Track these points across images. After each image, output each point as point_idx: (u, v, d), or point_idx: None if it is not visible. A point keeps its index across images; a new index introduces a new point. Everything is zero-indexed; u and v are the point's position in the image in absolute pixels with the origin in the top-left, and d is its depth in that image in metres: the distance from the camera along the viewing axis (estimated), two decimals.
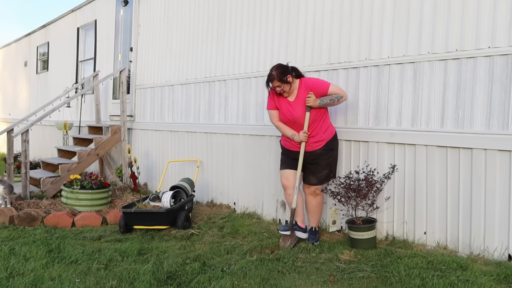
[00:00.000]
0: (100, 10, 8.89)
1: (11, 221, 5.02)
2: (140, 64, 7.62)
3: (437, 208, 3.73)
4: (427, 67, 3.78)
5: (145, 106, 7.44)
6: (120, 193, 6.29)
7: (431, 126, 3.75)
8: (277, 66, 3.97)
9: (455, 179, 3.62)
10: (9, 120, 13.28)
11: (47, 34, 11.56)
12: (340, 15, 4.43)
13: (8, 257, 3.76)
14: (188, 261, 3.63)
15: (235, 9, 5.66)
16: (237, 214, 5.24)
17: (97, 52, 8.93)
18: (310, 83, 3.99)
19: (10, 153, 6.00)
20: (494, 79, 3.40)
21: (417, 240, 3.83)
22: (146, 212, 4.63)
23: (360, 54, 4.26)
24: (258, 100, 5.24)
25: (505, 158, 3.34)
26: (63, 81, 10.15)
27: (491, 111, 3.42)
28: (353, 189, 3.82)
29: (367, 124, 4.20)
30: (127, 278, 3.24)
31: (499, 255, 3.37)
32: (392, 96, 4.01)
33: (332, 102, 3.95)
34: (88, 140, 7.45)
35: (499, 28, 3.37)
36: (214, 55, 5.96)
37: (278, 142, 5.00)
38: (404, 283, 2.98)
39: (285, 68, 3.94)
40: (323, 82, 4.03)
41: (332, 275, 3.19)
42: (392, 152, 4.01)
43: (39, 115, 6.89)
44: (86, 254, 3.85)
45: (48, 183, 6.24)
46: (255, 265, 3.40)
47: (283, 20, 5.02)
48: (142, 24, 7.64)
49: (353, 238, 3.82)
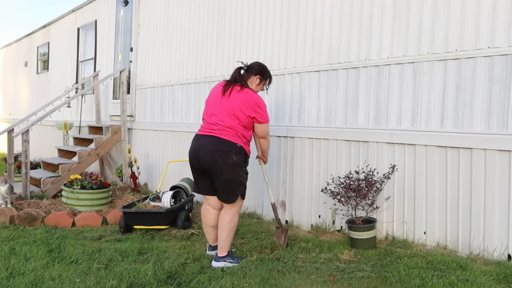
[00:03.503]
0: (100, 10, 8.90)
1: (11, 221, 5.02)
2: (140, 64, 7.63)
3: (437, 208, 3.73)
4: (426, 67, 3.79)
5: (145, 106, 7.44)
6: (120, 193, 6.30)
7: (431, 126, 3.76)
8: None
9: (454, 179, 3.62)
10: (10, 120, 13.30)
11: (47, 34, 11.57)
12: (340, 15, 4.44)
13: (8, 257, 3.76)
14: (188, 261, 3.64)
15: (235, 9, 5.67)
16: None
17: (97, 52, 8.94)
18: (256, 101, 3.49)
19: (11, 153, 6.01)
20: (494, 79, 3.41)
21: (417, 240, 3.83)
22: (146, 212, 4.63)
23: (360, 54, 4.26)
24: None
25: (504, 158, 3.34)
26: (64, 81, 10.16)
27: (490, 111, 3.43)
28: (353, 189, 3.82)
29: (367, 124, 4.21)
30: (127, 278, 3.24)
31: (498, 255, 3.37)
32: (392, 96, 4.02)
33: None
34: (88, 140, 7.45)
35: (498, 28, 3.38)
36: (214, 55, 5.97)
37: (278, 142, 5.02)
38: (404, 283, 2.98)
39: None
40: (266, 113, 3.58)
41: (332, 275, 3.20)
42: (392, 152, 4.01)
43: (39, 115, 6.89)
44: (86, 254, 3.85)
45: (48, 183, 6.24)
46: (255, 265, 3.40)
47: (283, 20, 5.03)
48: (142, 24, 7.65)
49: (353, 238, 3.83)
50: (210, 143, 3.42)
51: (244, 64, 3.67)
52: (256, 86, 3.66)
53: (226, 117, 3.44)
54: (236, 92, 3.49)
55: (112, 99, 8.32)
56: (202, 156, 3.44)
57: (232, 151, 3.40)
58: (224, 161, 3.38)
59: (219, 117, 3.46)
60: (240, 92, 3.49)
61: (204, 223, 3.76)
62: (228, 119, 3.43)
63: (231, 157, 3.39)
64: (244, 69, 3.64)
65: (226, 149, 3.40)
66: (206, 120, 3.56)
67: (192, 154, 3.54)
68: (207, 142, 3.44)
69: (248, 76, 3.63)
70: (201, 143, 3.48)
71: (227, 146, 3.40)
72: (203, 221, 3.77)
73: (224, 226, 3.54)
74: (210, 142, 3.43)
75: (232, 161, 3.40)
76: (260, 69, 3.68)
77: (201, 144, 3.47)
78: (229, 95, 3.48)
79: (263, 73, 3.69)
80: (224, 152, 3.39)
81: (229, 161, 3.39)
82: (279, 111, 5.04)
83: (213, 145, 3.41)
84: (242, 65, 3.66)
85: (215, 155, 3.38)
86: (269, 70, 3.78)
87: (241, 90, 3.50)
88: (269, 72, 3.77)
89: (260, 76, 3.66)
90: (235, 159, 3.41)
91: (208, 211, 3.70)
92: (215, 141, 3.42)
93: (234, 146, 3.42)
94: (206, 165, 3.44)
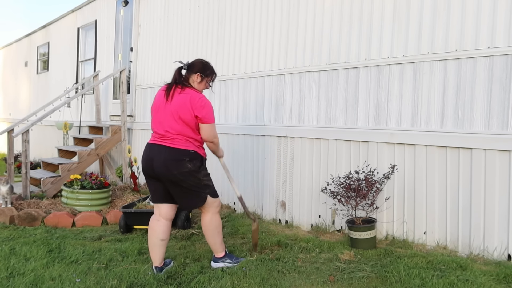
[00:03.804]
0: (100, 10, 8.90)
1: (11, 221, 5.03)
2: (140, 64, 7.63)
3: (437, 208, 3.73)
4: (426, 67, 3.79)
5: (145, 106, 7.44)
6: (120, 193, 6.30)
7: (431, 126, 3.76)
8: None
9: (454, 179, 3.62)
10: (10, 120, 13.30)
11: (47, 34, 11.57)
12: (340, 15, 4.44)
13: (8, 257, 3.76)
14: (188, 261, 3.64)
15: (235, 9, 5.67)
16: (237, 214, 5.24)
17: (97, 52, 8.94)
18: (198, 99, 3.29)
19: (11, 153, 6.01)
20: (494, 79, 3.41)
21: (417, 240, 3.83)
22: (146, 212, 4.63)
23: (360, 54, 4.26)
24: (258, 100, 5.25)
25: (504, 158, 3.34)
26: (64, 81, 10.16)
27: (490, 111, 3.43)
28: (353, 189, 3.82)
29: (367, 124, 4.21)
30: (127, 278, 3.24)
31: (498, 255, 3.37)
32: (391, 96, 4.02)
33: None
34: (88, 140, 7.45)
35: (498, 28, 3.38)
36: (214, 55, 5.97)
37: (278, 142, 5.02)
38: (404, 283, 2.98)
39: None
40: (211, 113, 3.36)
41: (332, 275, 3.20)
42: (392, 152, 4.01)
43: (39, 115, 6.90)
44: (86, 254, 3.85)
45: (48, 183, 6.24)
46: (255, 265, 3.40)
47: (283, 20, 5.03)
48: (142, 24, 7.65)
49: (353, 238, 3.83)
50: (161, 153, 3.26)
51: (184, 63, 3.49)
52: (198, 84, 3.41)
53: (173, 123, 3.26)
54: (178, 94, 3.30)
55: (112, 99, 8.32)
56: (156, 166, 3.28)
57: (186, 159, 3.24)
58: (179, 171, 3.21)
59: (166, 124, 3.28)
60: (181, 94, 3.30)
61: (152, 236, 3.43)
62: (175, 125, 3.25)
63: (185, 165, 3.23)
64: (184, 68, 3.47)
65: (179, 158, 3.23)
66: (155, 131, 3.35)
67: (145, 163, 3.35)
68: (159, 152, 3.27)
69: (189, 75, 3.42)
70: (154, 153, 3.30)
71: (179, 155, 3.24)
72: (151, 234, 3.44)
73: (207, 230, 3.48)
74: (161, 152, 3.26)
75: (187, 169, 3.23)
76: (201, 66, 3.45)
77: (154, 154, 3.29)
78: (172, 98, 3.29)
79: (204, 70, 3.45)
80: (177, 161, 3.22)
81: (184, 170, 3.23)
82: (279, 111, 5.04)
83: (165, 156, 3.24)
84: (181, 64, 3.48)
85: (168, 166, 3.22)
86: (211, 66, 3.54)
87: (182, 91, 3.31)
88: (212, 68, 3.53)
89: (201, 73, 3.41)
90: (190, 166, 3.24)
91: (158, 222, 3.43)
92: (166, 151, 3.25)
93: (186, 153, 3.25)
94: (161, 176, 3.29)
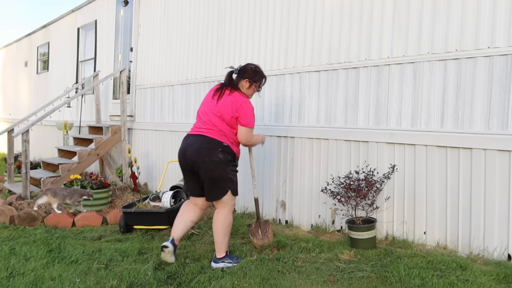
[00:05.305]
0: (100, 10, 8.90)
1: (11, 221, 5.03)
2: (140, 64, 7.63)
3: (437, 208, 3.73)
4: (426, 67, 3.79)
5: (145, 106, 7.44)
6: (120, 193, 6.30)
7: (431, 126, 3.76)
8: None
9: (454, 179, 3.62)
10: (10, 120, 13.30)
11: (47, 34, 11.57)
12: (340, 15, 4.44)
13: (8, 257, 3.77)
14: (188, 261, 3.64)
15: (235, 9, 5.67)
16: (237, 214, 5.24)
17: (97, 52, 8.94)
18: (241, 102, 3.51)
19: (11, 153, 6.01)
20: (494, 79, 3.41)
21: (417, 240, 3.83)
22: (146, 212, 4.63)
23: (360, 54, 4.26)
24: (258, 100, 5.25)
25: (504, 158, 3.34)
26: (64, 81, 10.16)
27: (490, 111, 3.43)
28: (353, 189, 3.82)
29: (367, 124, 4.21)
30: (127, 278, 3.25)
31: (498, 255, 3.37)
32: (391, 96, 4.02)
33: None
34: (88, 140, 7.45)
35: (498, 28, 3.38)
36: (214, 55, 5.97)
37: (278, 142, 5.02)
38: (404, 283, 2.98)
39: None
40: (250, 118, 3.56)
41: (332, 275, 3.20)
42: (392, 152, 4.01)
43: (39, 115, 6.90)
44: (86, 254, 3.85)
45: (48, 183, 6.24)
46: (255, 265, 3.40)
47: (283, 20, 5.03)
48: (142, 24, 7.65)
49: (353, 238, 3.83)
50: (197, 142, 3.47)
51: (235, 68, 3.66)
52: (246, 89, 3.65)
53: (214, 118, 3.49)
54: (226, 96, 3.53)
55: (112, 99, 8.32)
56: (189, 154, 3.47)
57: (218, 149, 3.43)
58: (210, 159, 3.40)
59: (209, 117, 3.52)
60: (229, 96, 3.53)
61: (184, 215, 3.65)
62: (216, 121, 3.48)
63: (217, 154, 3.41)
64: (235, 72, 3.66)
65: (212, 147, 3.43)
66: (200, 116, 3.60)
67: (180, 153, 3.57)
68: (194, 141, 3.49)
69: (239, 80, 3.64)
70: (189, 142, 3.52)
71: (213, 144, 3.43)
72: (182, 215, 3.66)
73: (219, 227, 3.53)
74: (197, 141, 3.47)
75: (218, 159, 3.41)
76: (250, 72, 3.65)
77: (189, 143, 3.52)
78: (219, 98, 3.53)
79: (253, 76, 3.64)
80: (210, 150, 3.42)
81: (215, 158, 3.40)
82: (279, 111, 5.04)
83: (199, 143, 3.45)
84: (232, 69, 3.66)
85: (201, 153, 3.42)
86: (261, 70, 3.72)
87: (231, 94, 3.54)
88: (261, 73, 3.71)
89: (249, 79, 3.62)
90: (221, 157, 3.43)
91: (194, 207, 3.66)
92: (201, 139, 3.46)
93: (220, 144, 3.45)
94: (193, 164, 3.46)
